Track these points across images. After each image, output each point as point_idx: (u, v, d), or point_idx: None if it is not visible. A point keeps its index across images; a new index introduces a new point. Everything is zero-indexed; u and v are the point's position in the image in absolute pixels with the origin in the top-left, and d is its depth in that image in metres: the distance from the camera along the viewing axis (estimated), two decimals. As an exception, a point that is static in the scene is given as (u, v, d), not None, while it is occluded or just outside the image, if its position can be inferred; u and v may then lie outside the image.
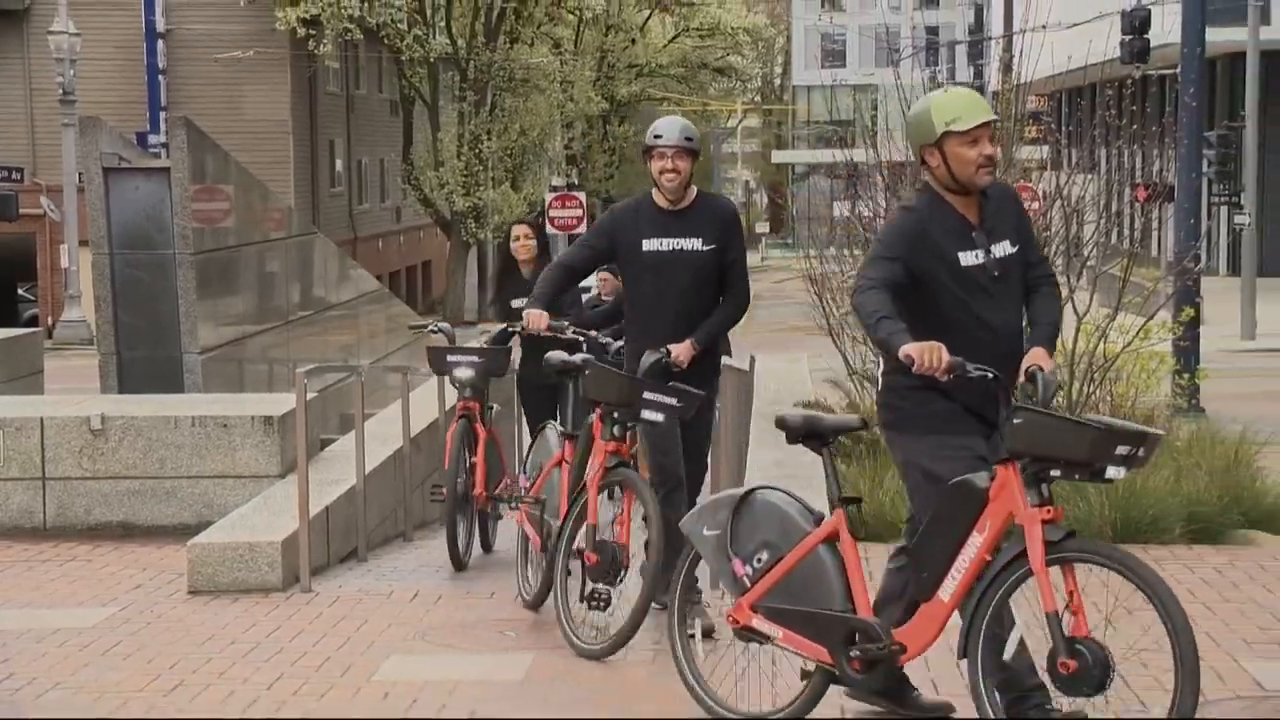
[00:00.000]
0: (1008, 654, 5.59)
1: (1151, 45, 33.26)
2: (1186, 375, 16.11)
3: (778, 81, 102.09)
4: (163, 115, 39.69)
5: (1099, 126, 13.60)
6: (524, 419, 11.95)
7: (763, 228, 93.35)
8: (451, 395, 11.19)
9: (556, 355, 8.34)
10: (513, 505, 9.62)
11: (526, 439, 10.91)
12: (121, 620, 8.49)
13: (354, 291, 22.56)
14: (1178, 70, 19.58)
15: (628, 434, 7.68)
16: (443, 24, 47.41)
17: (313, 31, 42.61)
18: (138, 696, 7.04)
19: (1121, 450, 5.46)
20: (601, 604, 7.48)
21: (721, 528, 6.16)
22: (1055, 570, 5.46)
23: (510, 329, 10.33)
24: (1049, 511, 5.49)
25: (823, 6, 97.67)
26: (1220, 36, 30.03)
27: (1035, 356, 5.90)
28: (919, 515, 5.96)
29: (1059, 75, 33.30)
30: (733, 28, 62.50)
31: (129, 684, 7.25)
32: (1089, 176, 12.95)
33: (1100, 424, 5.55)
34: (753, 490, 6.25)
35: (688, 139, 7.77)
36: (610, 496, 8.05)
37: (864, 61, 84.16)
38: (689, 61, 64.73)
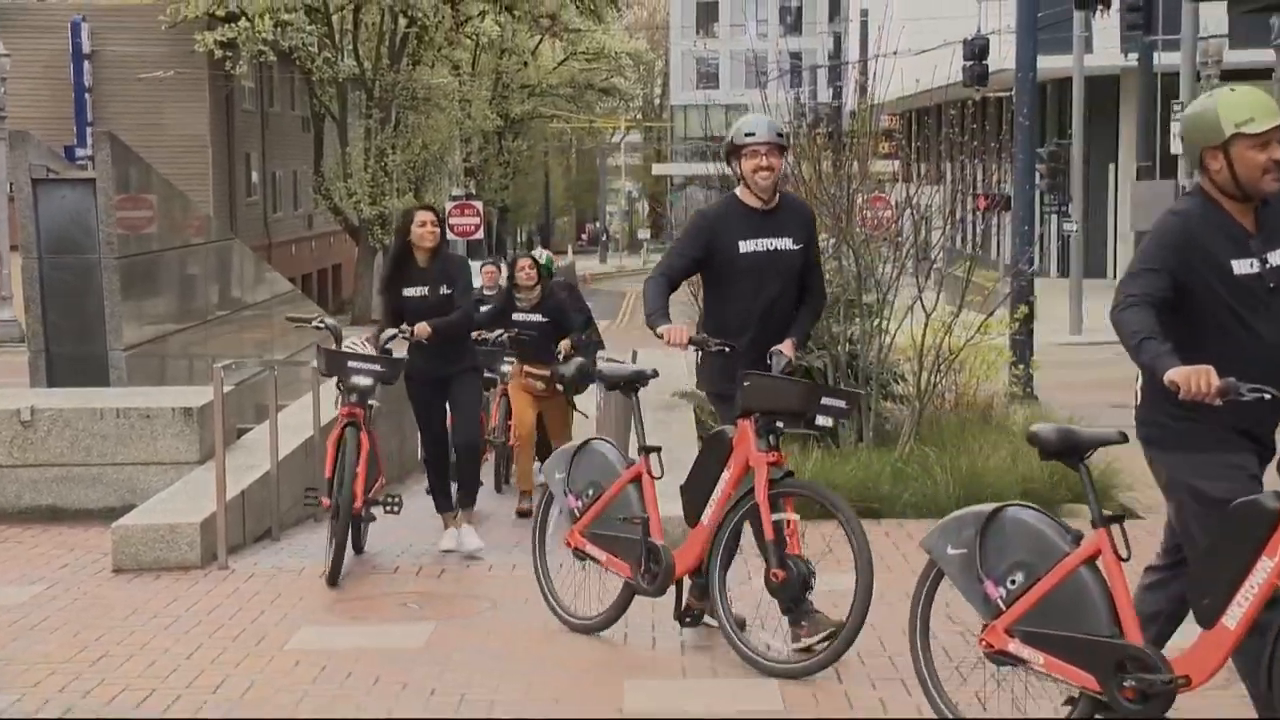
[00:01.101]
0: None
1: (990, 70, 33.72)
2: (1022, 366, 16.29)
3: (657, 101, 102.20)
4: (89, 130, 39.04)
5: (944, 143, 13.71)
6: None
7: (645, 233, 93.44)
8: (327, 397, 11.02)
9: (619, 367, 7.96)
10: (390, 509, 9.33)
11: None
12: (49, 597, 8.35)
13: (268, 293, 22.36)
14: (1013, 93, 19.78)
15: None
16: (350, 47, 47.06)
17: (229, 54, 42.30)
18: (64, 667, 6.93)
19: None
20: (809, 624, 6.63)
21: (969, 546, 5.40)
22: None
23: (404, 334, 9.17)
24: None
25: (697, 33, 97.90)
26: (1050, 63, 30.44)
27: None
28: (1189, 537, 5.21)
29: (909, 96, 33.56)
30: (616, 52, 62.58)
31: (56, 655, 7.14)
32: (936, 187, 13.06)
33: None
34: (1001, 508, 5.45)
35: (779, 135, 7.01)
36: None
37: (735, 83, 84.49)
38: (576, 82, 64.72)
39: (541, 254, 13.25)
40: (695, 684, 6.54)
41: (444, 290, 9.25)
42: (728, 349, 6.78)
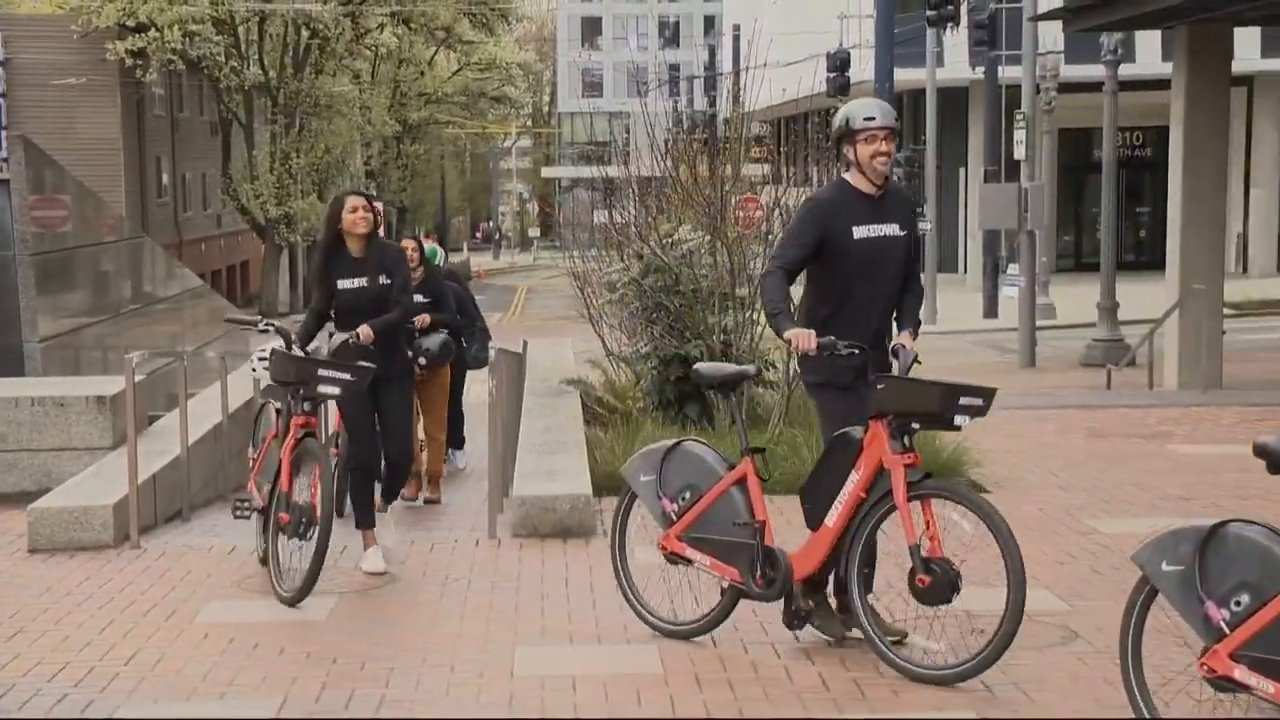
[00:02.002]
0: None
1: (851, 81, 33.96)
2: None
3: (546, 108, 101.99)
4: (3, 135, 38.24)
5: (810, 148, 13.79)
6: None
7: (535, 232, 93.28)
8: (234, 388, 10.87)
9: (719, 367, 6.94)
10: (241, 513, 8.34)
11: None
12: (-32, 577, 8.14)
13: (179, 288, 22.08)
14: (873, 102, 19.97)
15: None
16: (256, 57, 46.49)
17: (140, 62, 41.66)
18: (-18, 643, 6.75)
19: None
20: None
21: (1186, 564, 4.83)
22: None
23: (354, 340, 7.82)
24: None
25: (583, 45, 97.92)
26: (905, 76, 30.80)
27: None
28: None
29: (777, 105, 33.70)
30: (507, 63, 62.40)
31: (-26, 632, 6.95)
32: (803, 189, 13.14)
33: None
34: (1223, 524, 4.90)
35: (897, 119, 6.39)
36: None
37: (618, 92, 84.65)
38: (470, 91, 64.38)
39: (430, 247, 11.64)
40: (582, 650, 6.52)
41: (382, 280, 7.97)
42: (857, 350, 6.07)
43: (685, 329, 11.08)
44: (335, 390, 7.57)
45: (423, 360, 10.05)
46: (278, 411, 8.13)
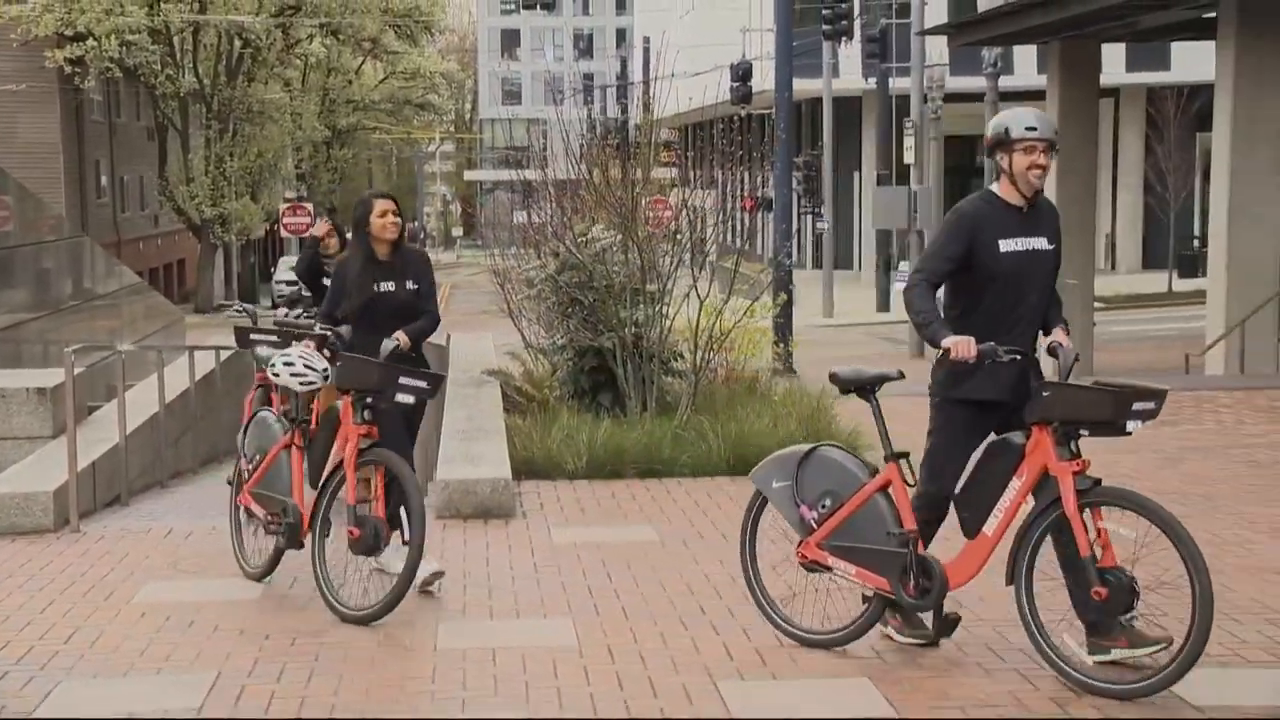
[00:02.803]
0: None
1: (753, 91, 34.14)
2: (782, 345, 16.53)
3: (468, 115, 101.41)
4: (-53, 139, 37.45)
5: (716, 153, 13.81)
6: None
7: (458, 232, 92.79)
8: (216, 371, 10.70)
9: (859, 370, 6.00)
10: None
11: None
12: (-88, 561, 7.95)
13: (117, 284, 21.73)
14: (773, 110, 20.05)
15: None
16: (190, 65, 45.83)
17: (78, 69, 40.96)
18: (-75, 625, 6.60)
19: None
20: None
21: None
22: None
23: (395, 348, 6.91)
24: None
25: (502, 56, 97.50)
26: (803, 85, 30.92)
27: None
28: None
29: (685, 113, 33.67)
30: (430, 72, 62.02)
31: (-82, 615, 6.79)
32: (709, 191, 13.16)
33: None
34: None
35: (1056, 131, 5.79)
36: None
37: (535, 100, 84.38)
38: (396, 98, 63.93)
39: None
40: (501, 624, 6.49)
41: (409, 286, 7.16)
42: (1019, 356, 5.54)
43: (599, 322, 11.07)
44: (411, 399, 6.75)
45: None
46: (287, 418, 7.26)
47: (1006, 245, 5.67)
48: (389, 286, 7.11)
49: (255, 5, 45.17)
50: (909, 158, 31.61)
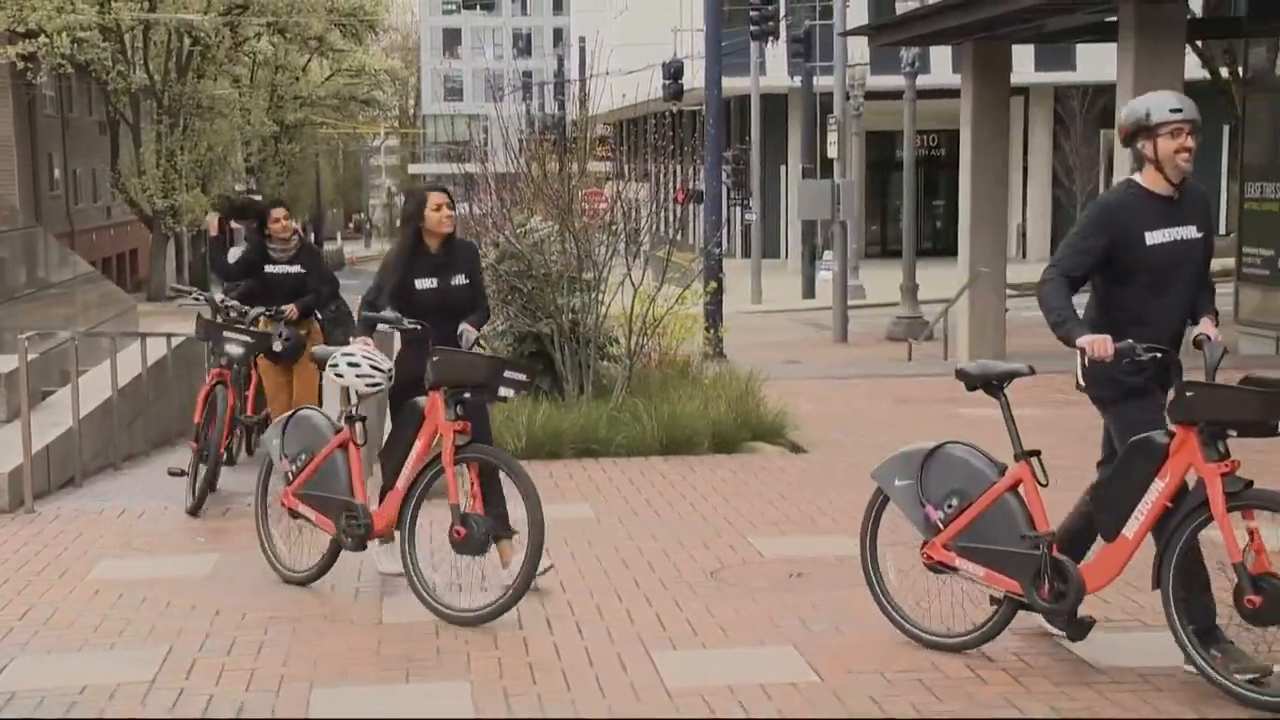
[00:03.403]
0: None
1: (685, 88, 34.11)
2: (713, 330, 16.55)
3: (411, 111, 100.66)
4: (-99, 132, 36.66)
5: (649, 147, 13.80)
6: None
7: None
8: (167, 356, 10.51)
9: (989, 364, 5.57)
10: None
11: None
12: None
13: (71, 273, 21.37)
14: (703, 107, 20.05)
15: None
16: (141, 62, 45.13)
17: (30, 65, 40.21)
18: (-117, 604, 6.47)
19: None
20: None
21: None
22: None
23: (468, 341, 6.49)
24: None
25: (444, 54, 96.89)
26: (732, 83, 30.94)
27: None
28: None
29: (619, 109, 33.57)
30: (375, 69, 61.45)
31: (-125, 595, 6.66)
32: (643, 184, 13.15)
33: None
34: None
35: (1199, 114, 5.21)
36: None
37: (476, 97, 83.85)
38: (342, 95, 63.33)
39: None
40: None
41: (458, 281, 6.61)
42: (1160, 354, 5.04)
43: (537, 309, 11.04)
44: (512, 393, 6.22)
45: (278, 347, 8.91)
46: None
47: (1153, 237, 5.15)
48: (433, 283, 6.53)
49: (204, 4, 44.58)
50: (832, 152, 31.73)
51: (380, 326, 6.52)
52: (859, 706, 4.86)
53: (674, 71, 34.38)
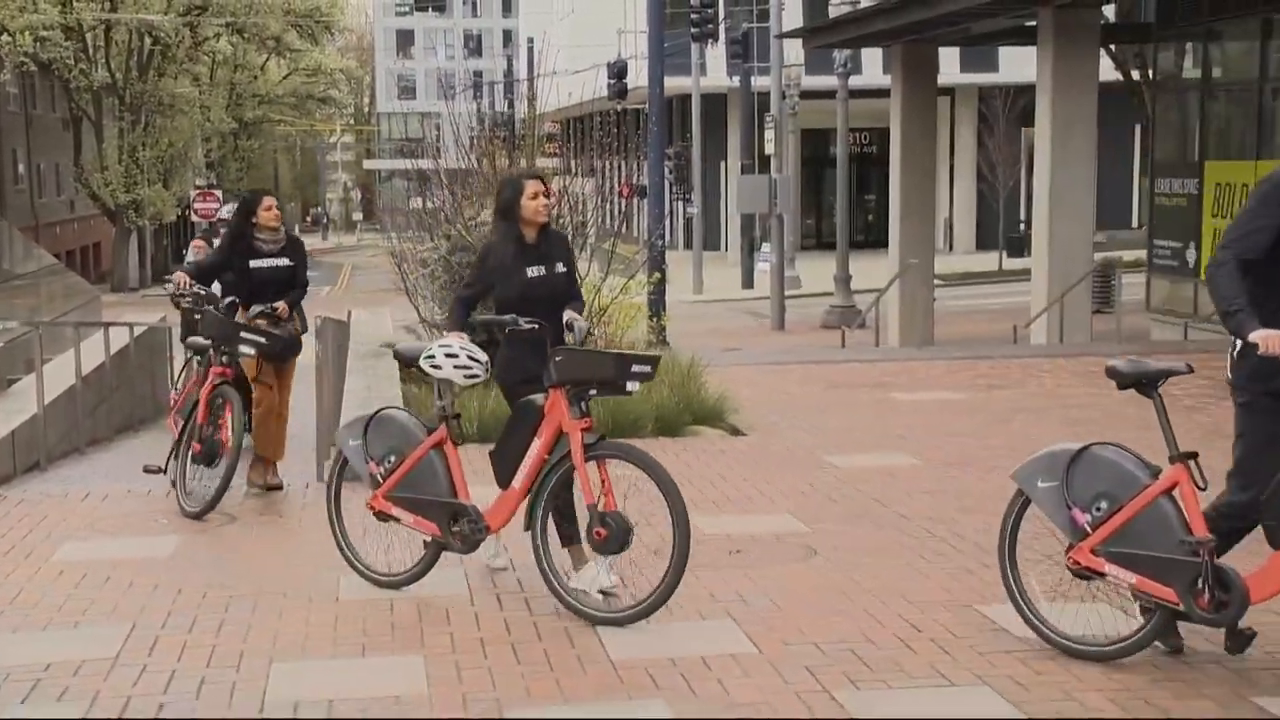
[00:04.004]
0: None
1: (629, 88, 34.09)
2: (656, 319, 16.56)
3: (367, 109, 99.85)
4: None
5: (595, 144, 13.77)
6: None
7: (359, 216, 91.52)
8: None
9: (1135, 364, 4.89)
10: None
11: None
12: None
13: (35, 265, 21.10)
14: (646, 105, 20.02)
15: None
16: (103, 61, 44.46)
17: (-6, 63, 39.56)
18: None
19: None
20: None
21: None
22: None
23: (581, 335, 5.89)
24: None
25: (398, 54, 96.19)
26: (674, 83, 30.98)
27: None
28: None
29: (566, 107, 33.48)
30: (331, 69, 60.93)
31: None
32: (589, 179, 13.12)
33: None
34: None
35: None
36: None
37: (429, 95, 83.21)
38: (299, 93, 62.70)
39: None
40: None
41: (560, 268, 6.17)
42: None
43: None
44: (637, 385, 5.76)
45: (265, 341, 8.11)
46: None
47: None
48: (541, 271, 6.05)
49: (164, 4, 44.00)
50: (769, 149, 31.83)
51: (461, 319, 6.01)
52: (795, 676, 4.88)
53: (618, 71, 34.35)
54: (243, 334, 7.93)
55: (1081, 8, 17.62)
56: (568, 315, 5.97)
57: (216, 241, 10.08)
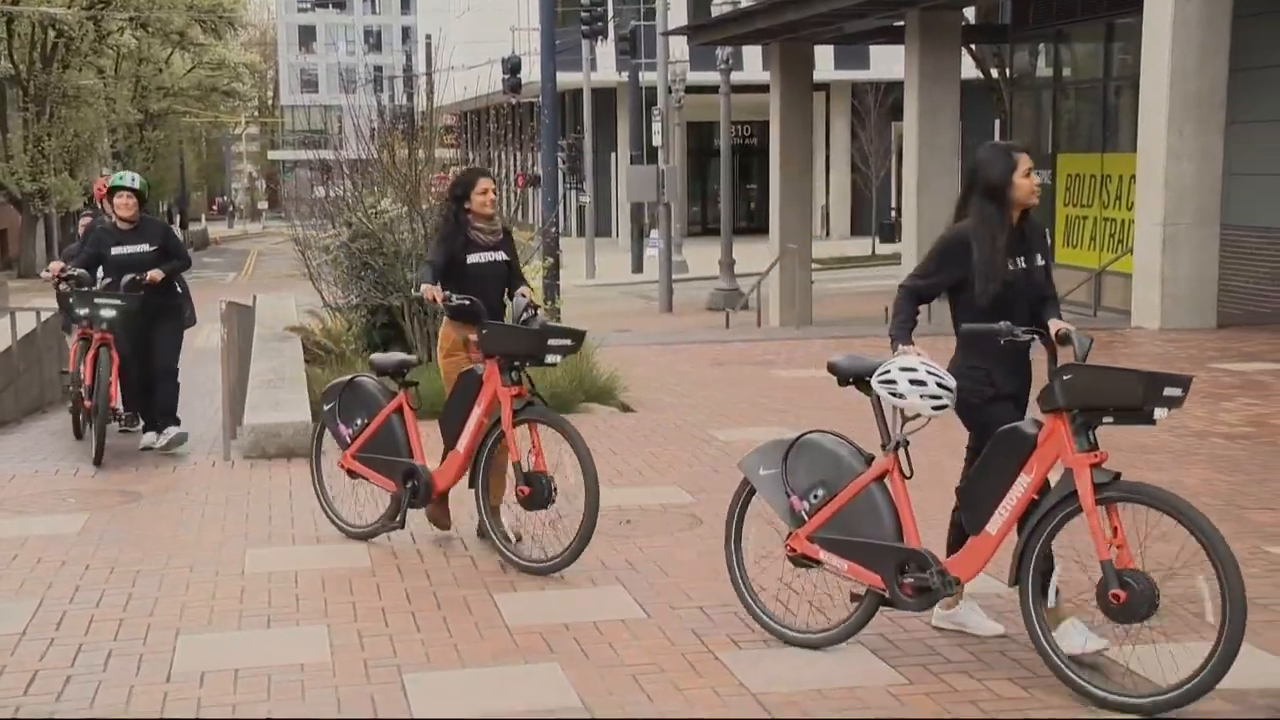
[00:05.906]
0: None
1: (523, 82, 33.84)
2: (551, 302, 16.47)
3: (270, 101, 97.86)
4: None
5: (491, 136, 13.65)
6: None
7: (263, 205, 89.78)
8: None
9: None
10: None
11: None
12: None
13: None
14: (539, 99, 19.90)
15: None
16: (6, 53, 42.94)
17: (-102, 54, 37.92)
18: None
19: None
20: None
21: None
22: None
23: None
24: None
25: (300, 49, 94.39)
26: (566, 78, 30.82)
27: None
28: None
29: (463, 100, 33.06)
30: (235, 63, 59.69)
31: None
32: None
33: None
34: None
35: None
36: None
37: (331, 89, 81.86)
38: (204, 86, 61.30)
39: (130, 177, 9.04)
40: (303, 550, 6.33)
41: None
42: None
43: (388, 284, 10.89)
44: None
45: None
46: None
47: None
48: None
49: (68, -2, 42.65)
50: (657, 141, 31.87)
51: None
52: (681, 639, 4.91)
53: (513, 67, 34.07)
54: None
55: (944, 10, 17.91)
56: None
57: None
